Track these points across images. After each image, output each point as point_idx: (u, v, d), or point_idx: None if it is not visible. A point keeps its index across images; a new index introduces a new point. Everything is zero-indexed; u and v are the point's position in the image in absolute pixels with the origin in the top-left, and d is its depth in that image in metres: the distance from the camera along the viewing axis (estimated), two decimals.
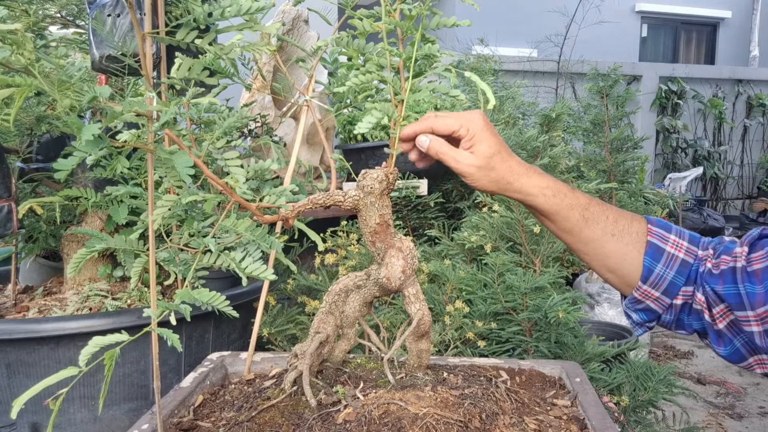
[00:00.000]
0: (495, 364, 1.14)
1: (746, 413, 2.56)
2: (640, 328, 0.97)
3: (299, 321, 1.75)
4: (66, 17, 1.95)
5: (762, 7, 10.83)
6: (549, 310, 1.64)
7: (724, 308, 0.86)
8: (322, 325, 1.02)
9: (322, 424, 0.85)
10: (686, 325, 0.92)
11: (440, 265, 1.83)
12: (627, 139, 3.81)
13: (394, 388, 0.95)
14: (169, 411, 0.98)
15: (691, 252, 0.90)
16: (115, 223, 1.79)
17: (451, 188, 3.14)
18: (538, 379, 1.12)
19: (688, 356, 3.25)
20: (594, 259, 0.94)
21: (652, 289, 0.90)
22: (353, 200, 0.95)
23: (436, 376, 1.01)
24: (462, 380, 1.00)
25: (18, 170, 1.85)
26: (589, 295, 3.11)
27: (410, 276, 0.98)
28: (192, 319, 1.66)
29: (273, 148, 1.50)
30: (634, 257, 0.91)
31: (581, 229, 0.92)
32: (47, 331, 1.48)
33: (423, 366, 1.03)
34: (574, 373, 1.09)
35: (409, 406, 0.87)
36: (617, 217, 0.93)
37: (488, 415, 0.87)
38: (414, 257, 0.98)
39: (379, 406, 0.87)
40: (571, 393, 1.03)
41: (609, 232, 0.92)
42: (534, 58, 6.46)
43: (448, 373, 1.03)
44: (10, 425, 1.51)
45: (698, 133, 7.29)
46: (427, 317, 0.99)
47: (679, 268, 0.89)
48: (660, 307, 0.91)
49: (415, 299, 0.99)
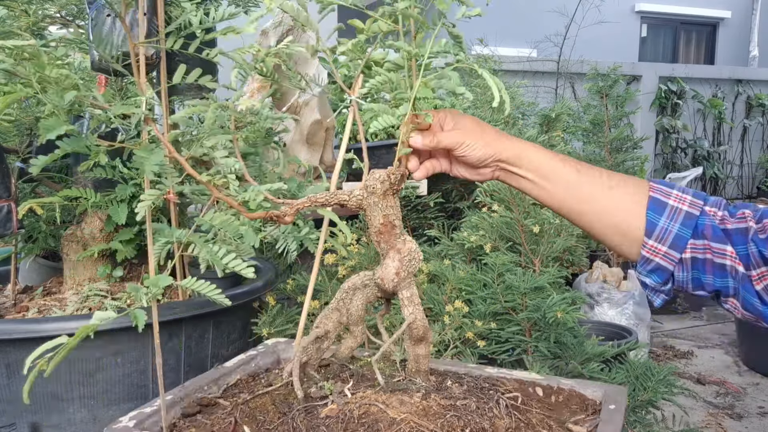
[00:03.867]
0: (534, 379, 1.06)
1: (746, 413, 2.57)
2: (657, 296, 0.94)
3: (299, 321, 1.75)
4: (66, 17, 1.95)
5: (762, 7, 10.83)
6: (548, 310, 1.64)
7: (765, 270, 0.84)
8: (324, 321, 1.02)
9: (305, 416, 0.87)
10: (705, 284, 0.90)
11: (440, 265, 1.83)
12: (627, 139, 3.81)
13: (383, 390, 0.94)
14: (198, 386, 1.00)
15: (695, 205, 0.89)
16: (115, 223, 1.79)
17: (451, 188, 3.14)
18: (576, 401, 1.02)
19: (687, 356, 3.26)
20: (595, 220, 0.92)
21: (659, 244, 0.88)
22: (357, 200, 0.95)
23: (439, 383, 0.99)
24: (463, 391, 0.96)
25: (18, 170, 1.85)
26: (589, 295, 3.11)
27: (405, 279, 0.96)
28: (192, 319, 1.66)
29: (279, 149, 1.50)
30: (636, 211, 0.90)
31: (577, 185, 0.91)
32: (47, 331, 1.48)
33: (422, 371, 1.00)
34: (613, 399, 0.99)
35: (389, 410, 0.87)
36: (610, 173, 0.93)
37: (472, 430, 0.84)
38: (413, 260, 0.96)
39: (362, 406, 0.88)
40: (594, 420, 0.95)
41: (606, 185, 0.91)
42: (534, 58, 6.46)
43: (453, 382, 1.00)
44: (9, 425, 1.51)
45: (698, 133, 7.29)
46: (420, 322, 0.97)
47: (683, 220, 0.88)
48: (670, 264, 0.89)
49: (409, 302, 0.97)
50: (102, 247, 1.80)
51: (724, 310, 3.05)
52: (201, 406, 0.97)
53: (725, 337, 3.57)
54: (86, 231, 1.82)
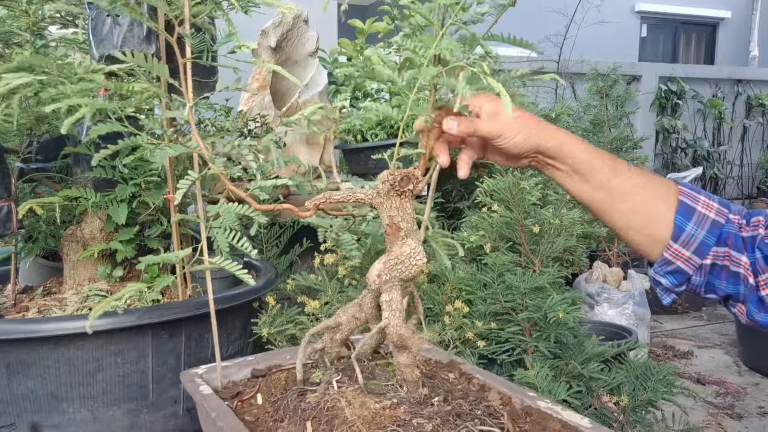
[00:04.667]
0: (577, 424, 0.92)
1: (746, 413, 2.57)
2: (668, 296, 0.94)
3: (299, 321, 1.75)
4: (66, 17, 1.95)
5: (761, 7, 10.83)
6: (548, 310, 1.64)
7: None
8: (340, 314, 1.04)
9: (296, 397, 0.97)
10: (717, 288, 0.91)
11: (440, 265, 1.83)
12: (627, 139, 3.81)
13: (362, 390, 0.95)
14: (271, 366, 1.14)
15: (721, 213, 0.89)
16: (115, 223, 1.78)
17: (451, 188, 3.14)
18: None
19: (687, 356, 3.25)
20: (622, 218, 0.92)
21: (683, 249, 0.89)
22: (369, 199, 0.95)
23: (425, 396, 0.95)
24: (442, 411, 0.91)
25: (18, 170, 1.85)
26: (589, 295, 3.11)
27: (387, 282, 0.95)
28: (192, 319, 1.66)
29: (272, 148, 1.50)
30: (665, 214, 0.90)
31: (611, 183, 0.91)
32: (47, 331, 1.48)
33: (409, 380, 0.97)
34: None
35: (348, 409, 0.89)
36: (641, 172, 0.92)
37: None
38: (401, 264, 0.94)
39: (334, 399, 0.93)
40: None
41: (638, 185, 0.91)
42: (534, 59, 6.46)
43: (444, 398, 0.95)
44: (9, 425, 1.51)
45: (698, 133, 7.29)
46: (394, 329, 0.95)
47: (710, 227, 0.88)
48: (690, 268, 0.90)
49: (386, 307, 0.95)
50: (102, 247, 1.80)
51: (724, 310, 3.03)
52: (252, 376, 1.13)
53: (725, 337, 3.58)
54: (86, 231, 1.82)
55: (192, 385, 1.06)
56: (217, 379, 1.11)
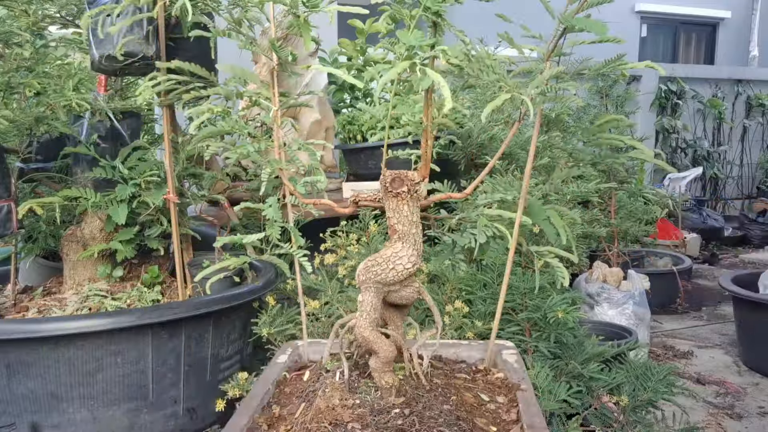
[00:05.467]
0: None
1: (746, 413, 2.56)
2: None
3: (299, 321, 1.75)
4: (66, 17, 1.95)
5: (761, 7, 10.83)
6: (548, 310, 1.64)
7: None
8: None
9: (317, 380, 1.07)
10: None
11: (440, 265, 1.83)
12: None
13: (345, 386, 0.98)
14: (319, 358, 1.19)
15: None
16: (115, 223, 1.78)
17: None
18: None
19: (687, 356, 3.25)
20: None
21: None
22: (379, 200, 0.98)
23: (394, 404, 0.94)
24: (403, 422, 0.90)
25: (18, 170, 1.85)
26: (589, 295, 3.11)
27: (364, 282, 0.95)
28: (192, 319, 1.66)
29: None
30: None
31: None
32: (47, 331, 1.48)
33: (382, 386, 0.96)
34: None
35: (318, 401, 0.95)
36: None
37: None
38: (375, 266, 0.94)
39: (321, 390, 0.99)
40: None
41: None
42: (534, 59, 6.46)
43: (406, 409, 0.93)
44: (9, 425, 1.51)
45: (698, 133, 7.29)
46: (358, 330, 0.94)
47: None
48: None
49: (359, 306, 0.96)
50: (102, 247, 1.80)
51: (724, 310, 3.02)
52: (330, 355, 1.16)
53: (725, 337, 3.57)
54: (86, 231, 1.82)
55: (280, 351, 1.26)
56: (305, 354, 1.27)
